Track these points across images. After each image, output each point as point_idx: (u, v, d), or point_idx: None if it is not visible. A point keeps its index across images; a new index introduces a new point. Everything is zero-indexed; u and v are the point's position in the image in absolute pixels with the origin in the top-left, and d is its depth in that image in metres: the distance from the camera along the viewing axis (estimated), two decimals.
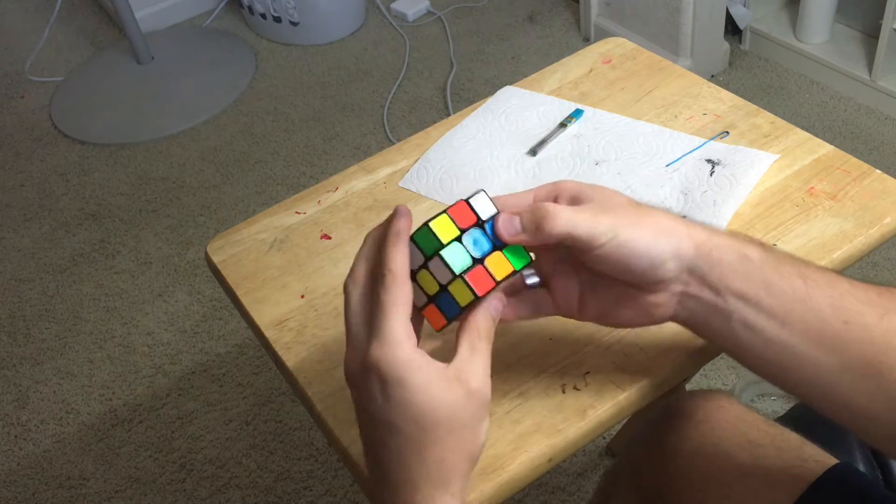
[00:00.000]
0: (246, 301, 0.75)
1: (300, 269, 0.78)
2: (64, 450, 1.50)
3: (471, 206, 0.54)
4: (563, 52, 1.77)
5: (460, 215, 0.53)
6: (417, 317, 0.53)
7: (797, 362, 0.51)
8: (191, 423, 1.51)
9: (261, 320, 0.73)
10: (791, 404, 0.87)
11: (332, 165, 2.01)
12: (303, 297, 0.75)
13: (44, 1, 2.74)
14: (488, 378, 0.51)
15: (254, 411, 1.52)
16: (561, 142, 0.87)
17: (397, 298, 0.49)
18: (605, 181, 0.81)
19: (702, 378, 1.45)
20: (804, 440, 0.70)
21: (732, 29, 2.14)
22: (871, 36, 2.00)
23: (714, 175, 0.79)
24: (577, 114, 0.89)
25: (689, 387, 1.30)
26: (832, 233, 0.73)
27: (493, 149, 0.87)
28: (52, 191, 2.07)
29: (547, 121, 0.89)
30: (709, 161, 0.81)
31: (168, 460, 1.46)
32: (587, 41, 2.27)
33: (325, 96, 2.23)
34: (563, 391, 0.63)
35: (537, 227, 0.52)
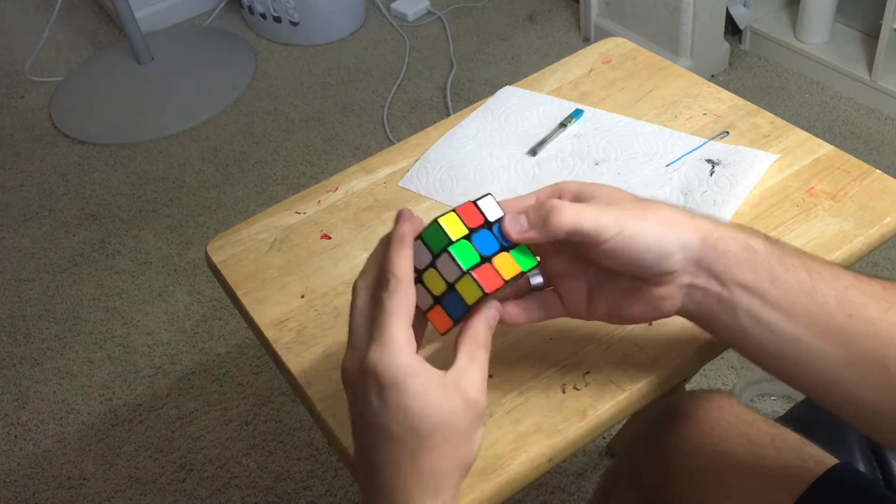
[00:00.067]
0: (246, 301, 0.75)
1: (300, 269, 0.78)
2: (64, 450, 1.50)
3: (478, 208, 0.54)
4: (563, 52, 1.77)
5: (468, 215, 0.54)
6: (419, 323, 0.53)
7: (802, 355, 0.51)
8: (191, 423, 1.51)
9: (261, 320, 0.73)
10: (791, 404, 0.87)
11: (332, 165, 2.01)
12: (303, 297, 0.75)
13: (44, 1, 2.74)
14: (485, 387, 0.51)
15: (254, 411, 1.52)
16: (561, 142, 0.87)
17: (400, 303, 0.49)
18: (605, 181, 0.81)
19: (702, 378, 1.45)
20: (804, 440, 0.70)
21: (732, 29, 2.14)
22: (871, 36, 1.99)
23: (714, 175, 0.79)
24: (577, 114, 0.89)
25: (689, 387, 1.30)
26: (832, 233, 0.73)
27: (493, 149, 0.87)
28: (52, 191, 2.07)
29: (547, 121, 0.89)
30: (709, 161, 0.81)
31: (168, 460, 1.46)
32: (587, 41, 2.27)
33: (325, 96, 2.23)
34: (563, 391, 0.63)
35: (544, 223, 0.52)
